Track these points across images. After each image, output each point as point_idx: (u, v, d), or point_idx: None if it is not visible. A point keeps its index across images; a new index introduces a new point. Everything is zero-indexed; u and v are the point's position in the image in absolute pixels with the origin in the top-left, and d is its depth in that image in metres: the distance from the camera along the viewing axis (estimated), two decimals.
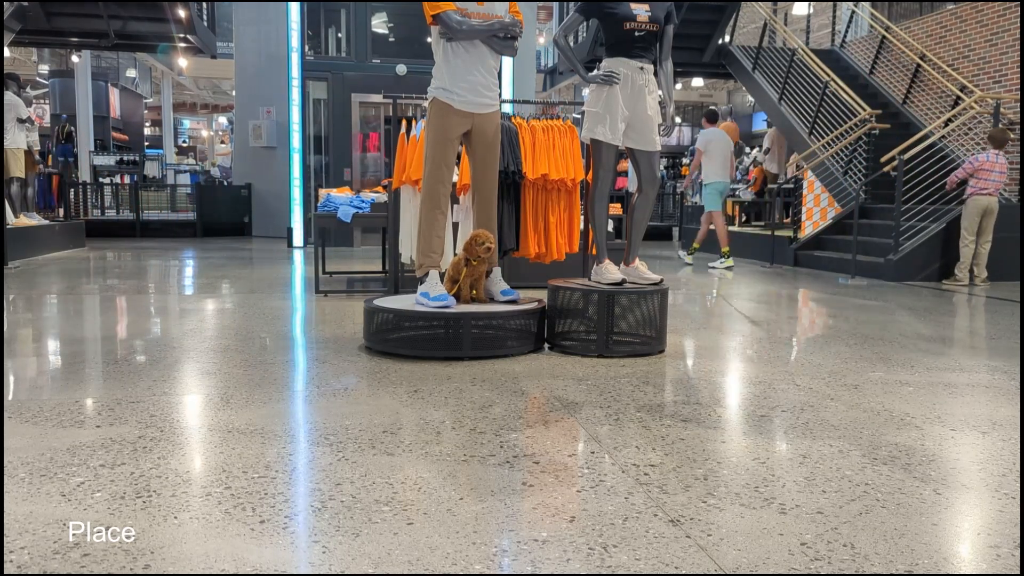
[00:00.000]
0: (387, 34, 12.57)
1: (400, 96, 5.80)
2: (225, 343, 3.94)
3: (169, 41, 12.54)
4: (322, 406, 2.79)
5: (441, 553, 1.61)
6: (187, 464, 2.15)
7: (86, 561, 1.55)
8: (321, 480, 2.04)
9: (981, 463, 2.26)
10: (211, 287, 6.59)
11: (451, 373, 3.27)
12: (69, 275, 7.17)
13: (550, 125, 5.50)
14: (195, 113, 34.18)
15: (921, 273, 7.40)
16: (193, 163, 25.33)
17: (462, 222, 5.32)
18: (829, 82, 9.75)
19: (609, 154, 3.94)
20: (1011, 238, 7.45)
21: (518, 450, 2.28)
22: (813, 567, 1.58)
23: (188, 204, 15.89)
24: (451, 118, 3.78)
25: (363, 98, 11.70)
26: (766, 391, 3.08)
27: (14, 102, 8.39)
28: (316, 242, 6.51)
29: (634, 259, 4.05)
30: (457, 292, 3.84)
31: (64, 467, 2.07)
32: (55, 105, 20.41)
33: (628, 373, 3.35)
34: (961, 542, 1.79)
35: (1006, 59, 9.07)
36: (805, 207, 9.87)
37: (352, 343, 3.92)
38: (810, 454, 2.30)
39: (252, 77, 12.78)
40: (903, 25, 10.89)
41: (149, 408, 2.68)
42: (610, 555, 1.62)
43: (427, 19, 3.73)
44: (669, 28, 3.96)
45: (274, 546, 1.64)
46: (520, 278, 5.13)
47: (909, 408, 2.84)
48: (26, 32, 10.99)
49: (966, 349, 4.03)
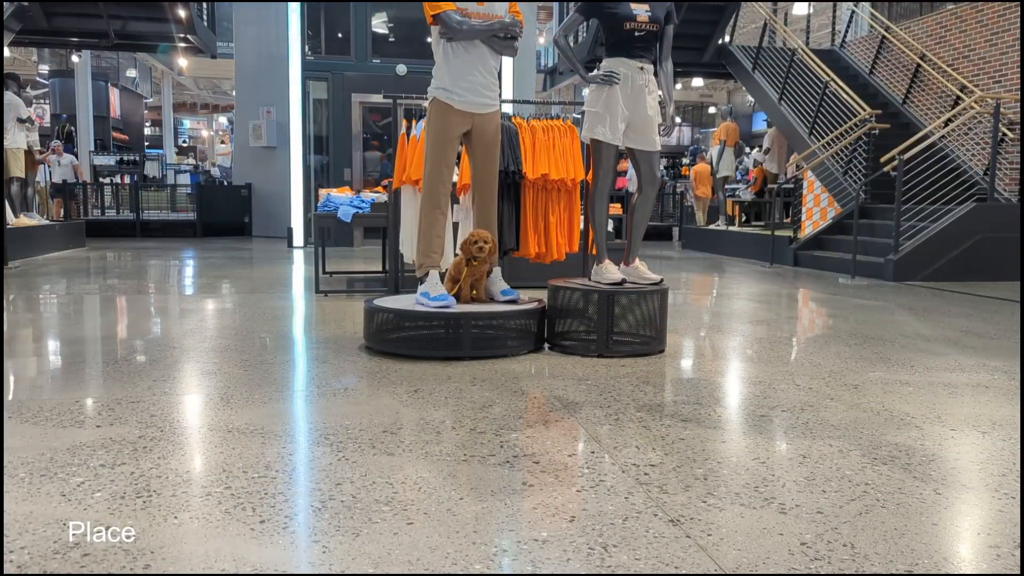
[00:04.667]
0: (387, 34, 12.57)
1: (400, 96, 5.81)
2: (225, 343, 3.94)
3: (169, 41, 12.56)
4: (322, 406, 2.79)
5: (441, 553, 1.61)
6: (187, 464, 2.15)
7: (86, 561, 1.55)
8: (321, 480, 2.04)
9: (981, 463, 2.26)
10: (211, 287, 6.59)
11: (451, 373, 3.27)
12: (69, 275, 7.17)
13: (550, 125, 5.50)
14: (195, 113, 34.20)
15: (921, 273, 7.39)
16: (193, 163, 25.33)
17: (462, 222, 5.32)
18: (829, 82, 9.75)
19: (609, 154, 3.94)
20: (1011, 238, 7.45)
21: (518, 450, 2.28)
22: (813, 567, 1.58)
23: (188, 204, 15.90)
24: (451, 118, 3.78)
25: (363, 98, 11.71)
26: (766, 391, 3.08)
27: (14, 102, 8.39)
28: (316, 242, 6.51)
29: (634, 259, 4.04)
30: (457, 292, 3.84)
31: (64, 467, 2.07)
32: (55, 105, 20.42)
33: (628, 373, 3.35)
34: (961, 542, 1.79)
35: (1006, 59, 9.07)
36: (805, 207, 9.87)
37: (352, 343, 3.92)
38: (810, 454, 2.30)
39: (252, 77, 12.78)
40: (903, 25, 10.89)
41: (149, 408, 2.68)
42: (610, 555, 1.62)
43: (427, 19, 3.73)
44: (669, 28, 3.96)
45: (274, 546, 1.64)
46: (520, 278, 5.12)
47: (909, 408, 2.84)
48: (26, 32, 10.99)
49: (966, 349, 4.03)
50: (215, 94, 31.68)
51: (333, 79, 11.68)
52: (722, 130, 12.16)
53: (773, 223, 10.05)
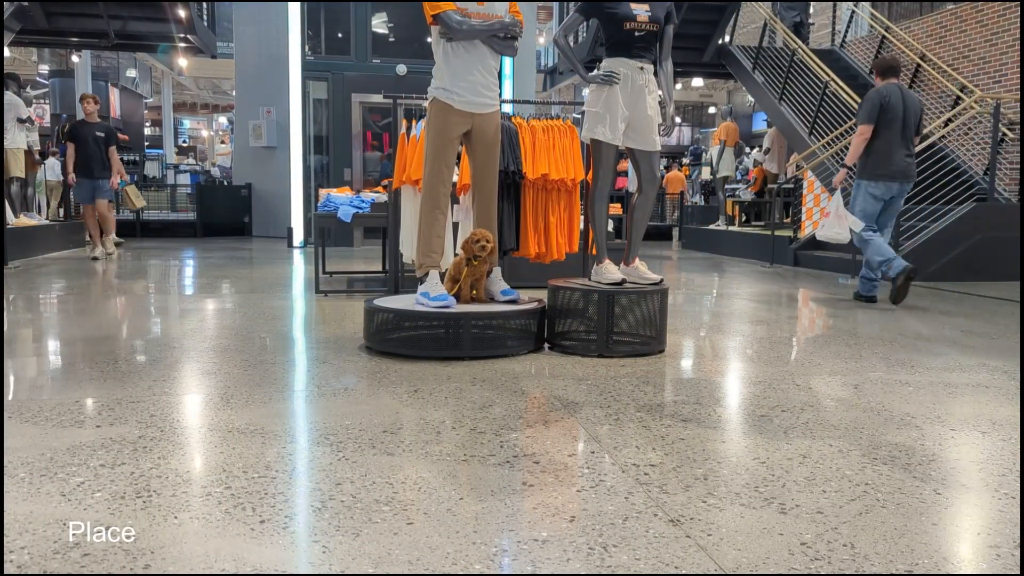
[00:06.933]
0: (387, 34, 12.58)
1: (400, 96, 5.81)
2: (225, 343, 3.94)
3: (169, 41, 12.55)
4: (322, 406, 2.79)
5: (441, 553, 1.61)
6: (187, 464, 2.15)
7: (86, 561, 1.55)
8: (321, 480, 2.04)
9: (981, 463, 2.26)
10: (211, 287, 6.59)
11: (451, 373, 3.27)
12: (69, 275, 7.17)
13: (550, 125, 5.50)
14: (195, 113, 34.21)
15: (921, 273, 7.38)
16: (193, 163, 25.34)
17: (462, 222, 5.32)
18: (829, 82, 9.74)
19: (609, 154, 3.94)
20: (1011, 238, 7.45)
21: (518, 450, 2.28)
22: (813, 567, 1.58)
23: (188, 204, 15.91)
24: (451, 118, 3.78)
25: (363, 98, 11.71)
26: (766, 391, 3.08)
27: (14, 102, 8.40)
28: (316, 242, 6.51)
29: (634, 259, 4.05)
30: (457, 292, 3.84)
31: (64, 467, 2.07)
32: (55, 105, 20.41)
33: (628, 373, 3.35)
34: (961, 542, 1.79)
35: (1006, 59, 9.07)
36: (805, 207, 9.87)
37: (352, 343, 3.92)
38: (810, 454, 2.30)
39: (252, 77, 12.78)
40: (903, 25, 10.89)
41: (149, 408, 2.68)
42: (610, 555, 1.62)
43: (427, 19, 3.73)
44: (669, 28, 3.96)
45: (274, 546, 1.64)
46: (520, 278, 5.12)
47: (909, 408, 2.84)
48: (26, 32, 10.99)
49: (966, 349, 4.03)
50: (215, 94, 31.69)
51: (333, 79, 11.68)
52: (722, 130, 12.16)
53: (773, 223, 10.05)
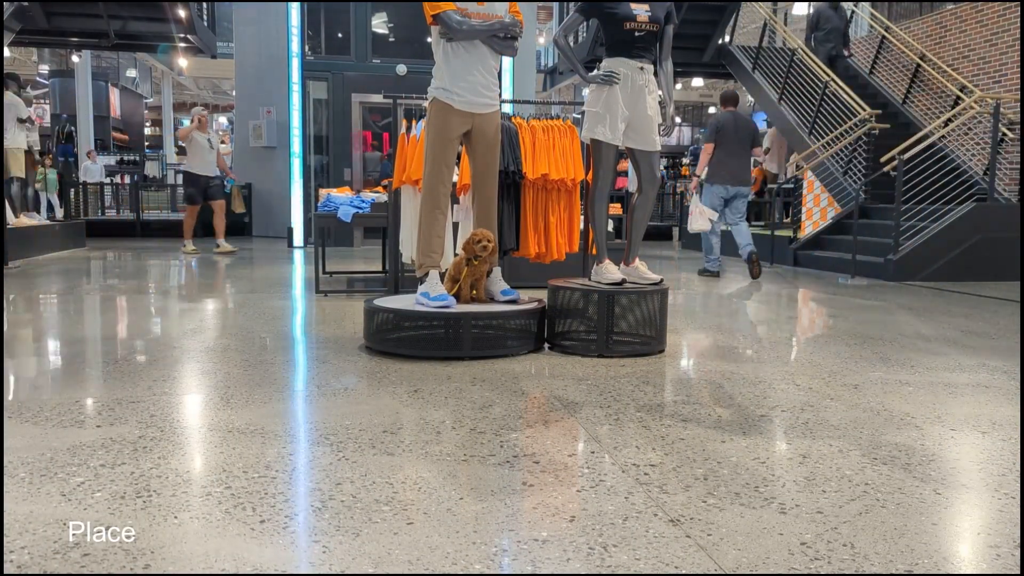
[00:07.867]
0: (387, 34, 12.57)
1: (400, 96, 5.81)
2: (225, 343, 3.94)
3: (169, 41, 12.56)
4: (322, 406, 2.79)
5: (441, 553, 1.61)
6: (187, 464, 2.15)
7: (86, 561, 1.55)
8: (321, 480, 2.04)
9: (981, 463, 2.26)
10: (211, 287, 6.59)
11: (451, 373, 3.27)
12: (69, 275, 7.17)
13: (550, 125, 5.50)
14: None
15: (921, 273, 7.39)
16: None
17: (462, 222, 5.32)
18: (829, 82, 9.75)
19: (609, 154, 3.94)
20: (1011, 238, 7.45)
21: (518, 450, 2.28)
22: (813, 567, 1.58)
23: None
24: (451, 118, 3.78)
25: (363, 98, 11.71)
26: (766, 391, 3.08)
27: (14, 102, 8.39)
28: (316, 242, 6.51)
29: (634, 259, 4.05)
30: (457, 292, 3.84)
31: (64, 467, 2.07)
32: (55, 105, 20.43)
33: (628, 373, 3.35)
34: (961, 542, 1.79)
35: (1006, 59, 9.08)
36: (805, 207, 9.87)
37: (352, 343, 3.92)
38: (810, 454, 2.30)
39: (252, 77, 12.77)
40: (903, 25, 10.89)
41: (149, 408, 2.68)
42: (610, 555, 1.62)
43: (427, 19, 3.73)
44: (669, 28, 3.96)
45: (274, 546, 1.64)
46: (520, 278, 5.12)
47: (909, 408, 2.84)
48: (26, 32, 11.00)
49: (966, 349, 4.03)
50: (215, 94, 31.68)
51: (333, 79, 11.67)
52: None
53: (773, 223, 10.04)
